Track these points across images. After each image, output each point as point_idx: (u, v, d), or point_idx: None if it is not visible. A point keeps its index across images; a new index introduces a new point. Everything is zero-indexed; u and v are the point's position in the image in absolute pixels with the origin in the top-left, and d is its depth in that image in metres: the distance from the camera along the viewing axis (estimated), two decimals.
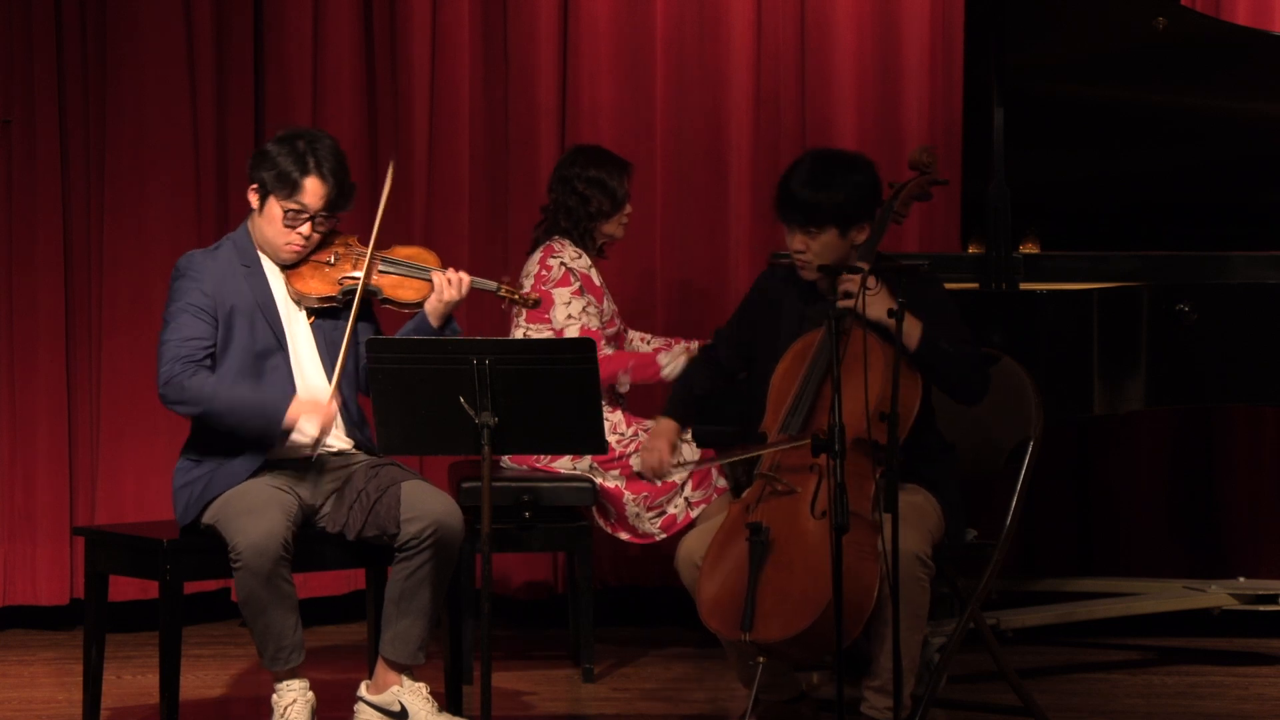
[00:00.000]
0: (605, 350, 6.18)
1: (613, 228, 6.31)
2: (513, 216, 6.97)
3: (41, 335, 6.83)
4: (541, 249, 6.24)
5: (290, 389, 5.24)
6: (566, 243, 6.24)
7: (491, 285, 5.40)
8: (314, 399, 5.20)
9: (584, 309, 6.16)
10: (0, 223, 6.83)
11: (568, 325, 6.14)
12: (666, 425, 5.37)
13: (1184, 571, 6.80)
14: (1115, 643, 6.53)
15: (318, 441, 5.21)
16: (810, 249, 5.16)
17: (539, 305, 5.86)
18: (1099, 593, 6.40)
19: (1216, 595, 6.30)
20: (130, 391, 6.84)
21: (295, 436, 5.18)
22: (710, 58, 6.99)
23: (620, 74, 6.99)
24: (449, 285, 5.27)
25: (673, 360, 6.21)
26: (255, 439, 5.20)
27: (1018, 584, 6.53)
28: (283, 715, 5.15)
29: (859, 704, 5.08)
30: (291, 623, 5.12)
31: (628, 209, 6.34)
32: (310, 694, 5.19)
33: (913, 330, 5.03)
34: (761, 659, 4.86)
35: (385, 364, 4.82)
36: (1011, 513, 5.37)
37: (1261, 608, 6.31)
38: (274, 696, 5.19)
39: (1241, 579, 6.45)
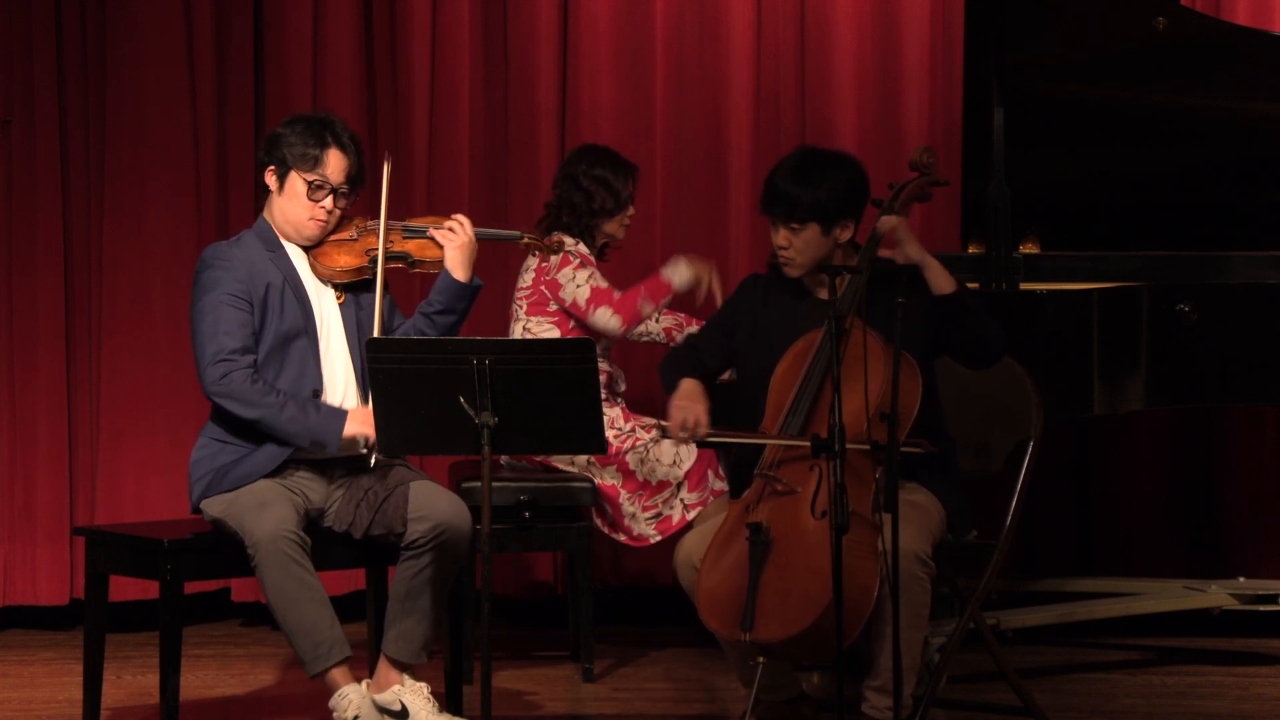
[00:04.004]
0: (617, 294, 6.19)
1: (614, 228, 6.32)
2: (513, 216, 6.97)
3: (41, 335, 6.83)
4: None
5: (316, 372, 5.25)
6: (565, 236, 6.25)
7: (514, 235, 5.50)
8: (367, 412, 5.17)
9: (590, 275, 6.18)
10: (0, 223, 6.83)
11: (578, 292, 6.15)
12: (693, 385, 5.24)
13: (1184, 571, 6.80)
14: (1115, 643, 6.53)
15: (371, 450, 5.22)
16: (793, 245, 5.19)
17: (561, 250, 5.87)
18: (1099, 593, 6.40)
19: (1216, 595, 6.30)
20: (130, 391, 6.84)
21: (351, 448, 5.22)
22: (710, 58, 6.99)
23: (620, 74, 7.00)
24: (450, 232, 5.31)
25: (674, 269, 6.22)
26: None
27: (1018, 584, 6.53)
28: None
29: (859, 704, 5.08)
30: (325, 615, 5.09)
31: (630, 211, 6.34)
32: (363, 688, 5.13)
33: (945, 277, 5.11)
34: (761, 659, 4.87)
35: (385, 364, 4.82)
36: (1011, 513, 5.37)
37: (1261, 608, 6.31)
38: (334, 715, 5.13)
39: (1241, 579, 6.45)
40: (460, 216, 5.36)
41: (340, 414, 5.20)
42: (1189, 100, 6.37)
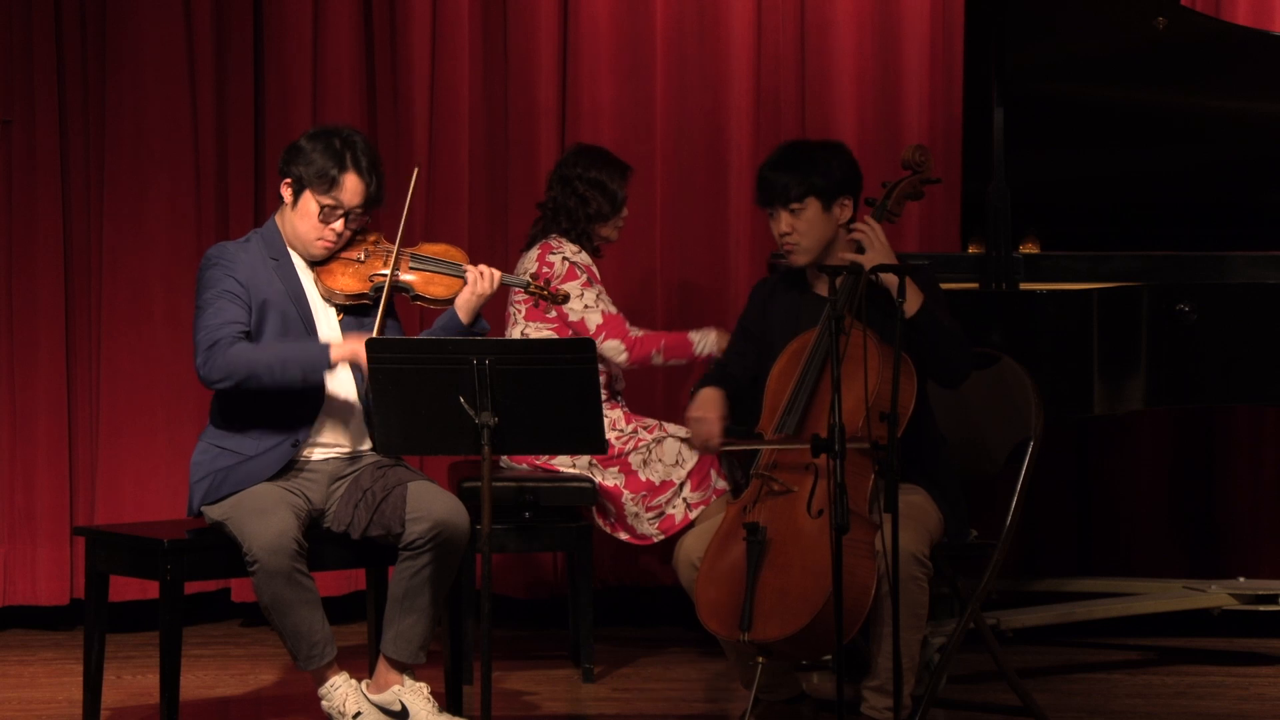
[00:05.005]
0: (634, 332, 6.18)
1: (609, 231, 6.32)
2: (512, 216, 6.97)
3: (41, 335, 6.83)
4: (539, 246, 6.24)
5: (319, 384, 5.25)
6: (564, 240, 6.24)
7: (522, 281, 5.44)
8: (354, 340, 5.18)
9: (598, 296, 6.17)
10: (0, 223, 6.83)
11: (587, 314, 6.14)
12: (713, 394, 5.24)
13: (1184, 571, 6.81)
14: (1115, 643, 6.53)
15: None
16: (796, 228, 5.19)
17: (567, 300, 5.85)
18: (1099, 593, 6.40)
19: (1216, 595, 6.30)
20: (130, 391, 6.84)
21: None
22: (710, 58, 6.99)
23: (620, 74, 6.99)
24: (481, 279, 5.27)
25: (703, 338, 6.23)
26: (300, 388, 5.19)
27: (1018, 584, 6.53)
28: (342, 710, 5.16)
29: (859, 704, 5.08)
30: (319, 618, 5.13)
31: (625, 213, 6.34)
32: (354, 680, 5.20)
33: (913, 298, 5.07)
34: (761, 659, 4.87)
35: (385, 364, 4.82)
36: (1011, 513, 5.37)
37: (1261, 608, 6.31)
38: (323, 703, 5.19)
39: (1241, 579, 6.45)
40: (494, 271, 5.29)
41: (325, 344, 5.19)
42: (1189, 100, 6.37)
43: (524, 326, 6.21)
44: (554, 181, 6.33)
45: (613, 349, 6.12)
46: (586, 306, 6.16)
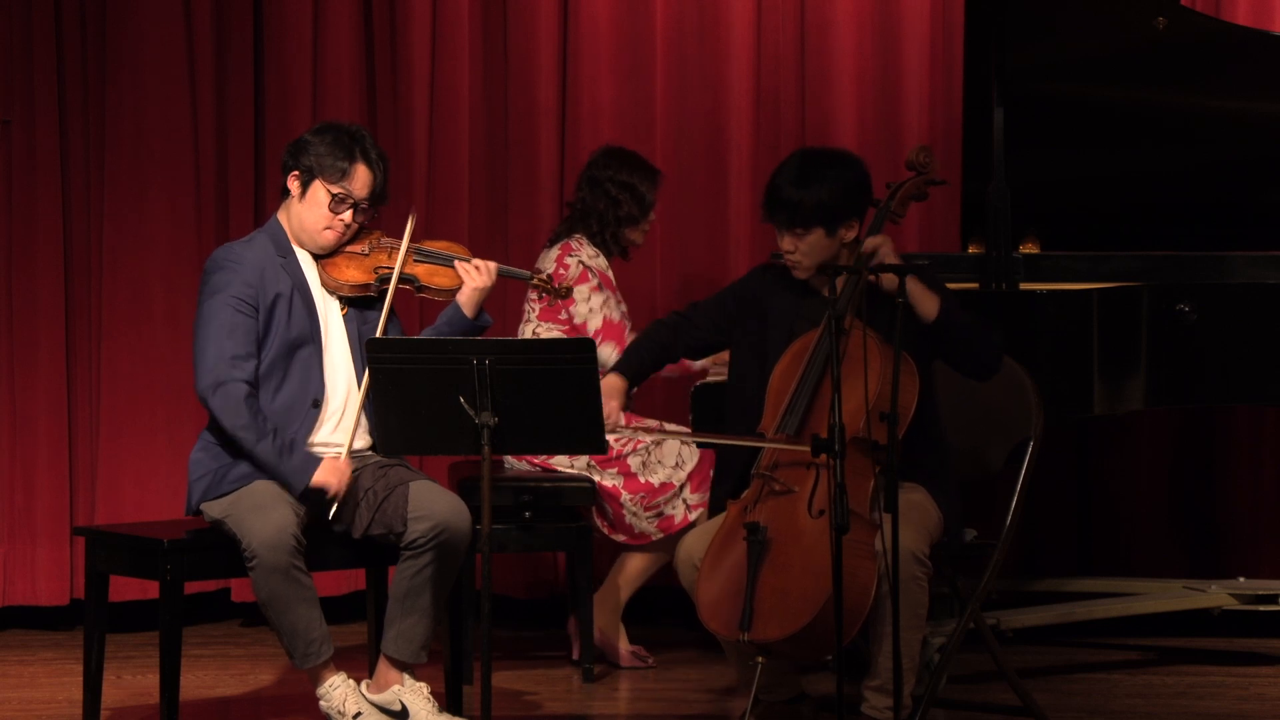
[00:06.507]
0: (629, 337, 6.18)
1: (636, 234, 6.32)
2: (512, 216, 6.97)
3: (41, 335, 6.83)
4: (559, 246, 6.24)
5: (319, 381, 5.25)
6: (585, 241, 6.25)
7: (522, 274, 5.45)
8: (333, 462, 5.18)
9: (604, 302, 6.18)
10: (0, 223, 6.83)
11: (590, 318, 6.15)
12: (616, 381, 5.30)
13: (1184, 571, 6.81)
14: (1115, 643, 6.54)
15: (333, 501, 5.18)
16: (799, 249, 5.18)
17: (569, 295, 5.83)
18: (1099, 593, 6.40)
19: (1216, 595, 6.30)
20: (130, 391, 6.84)
21: (318, 497, 5.19)
22: (710, 58, 6.99)
23: (620, 74, 7.00)
24: (475, 272, 5.29)
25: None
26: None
27: (1018, 584, 6.53)
28: (341, 710, 5.16)
29: (859, 704, 5.08)
30: (316, 616, 5.14)
31: (652, 216, 6.34)
32: (352, 680, 5.21)
33: (930, 301, 5.06)
34: (761, 659, 4.87)
35: (385, 364, 4.82)
36: (1011, 513, 5.37)
37: (1261, 608, 6.31)
38: (321, 703, 5.20)
39: (1241, 579, 6.45)
40: (490, 263, 5.33)
41: (313, 461, 5.18)
42: (1189, 100, 6.37)
43: (535, 325, 6.21)
44: (583, 183, 6.32)
45: (607, 352, 6.11)
46: (591, 310, 6.16)
